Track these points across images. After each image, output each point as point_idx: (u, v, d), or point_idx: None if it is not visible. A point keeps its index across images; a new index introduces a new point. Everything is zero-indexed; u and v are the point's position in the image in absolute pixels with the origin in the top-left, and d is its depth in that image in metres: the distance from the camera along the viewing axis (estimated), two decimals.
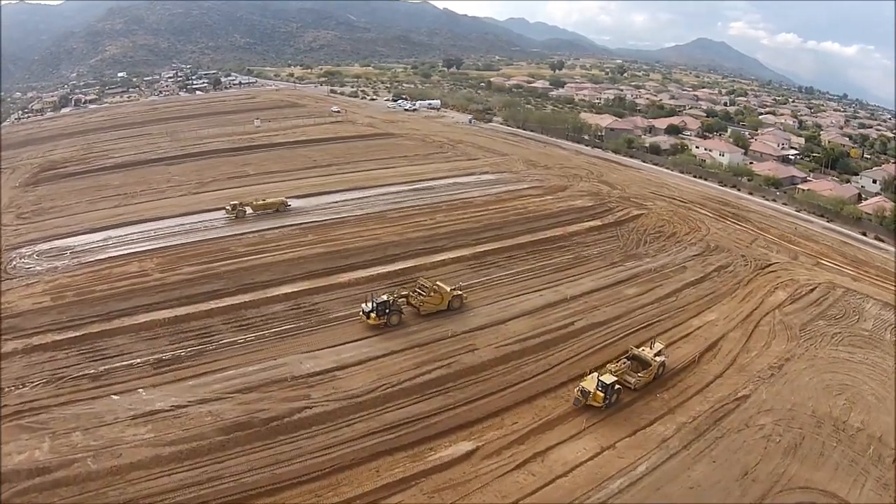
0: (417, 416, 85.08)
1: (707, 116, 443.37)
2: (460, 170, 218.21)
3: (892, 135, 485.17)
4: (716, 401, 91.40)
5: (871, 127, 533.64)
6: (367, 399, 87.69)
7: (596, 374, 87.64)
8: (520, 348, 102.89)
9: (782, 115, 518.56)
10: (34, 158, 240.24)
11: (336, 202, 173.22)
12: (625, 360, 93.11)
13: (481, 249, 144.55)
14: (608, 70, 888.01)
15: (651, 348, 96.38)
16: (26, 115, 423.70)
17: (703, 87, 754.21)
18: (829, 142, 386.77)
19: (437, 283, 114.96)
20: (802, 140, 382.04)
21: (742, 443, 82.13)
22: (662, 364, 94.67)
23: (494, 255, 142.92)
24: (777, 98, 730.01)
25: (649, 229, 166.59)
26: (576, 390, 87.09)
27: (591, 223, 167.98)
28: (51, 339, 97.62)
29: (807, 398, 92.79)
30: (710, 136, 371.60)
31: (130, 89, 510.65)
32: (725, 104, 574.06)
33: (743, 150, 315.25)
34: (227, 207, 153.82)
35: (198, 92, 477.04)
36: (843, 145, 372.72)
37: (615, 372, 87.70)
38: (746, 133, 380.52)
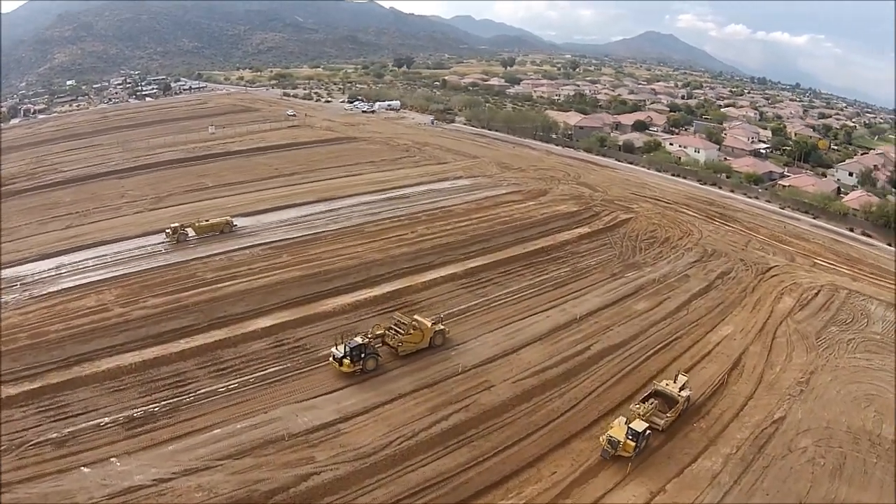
0: (444, 474, 75.12)
1: (671, 111, 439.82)
2: (432, 175, 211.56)
3: (853, 124, 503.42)
4: (754, 426, 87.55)
5: (830, 116, 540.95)
6: (382, 458, 76.63)
7: (622, 418, 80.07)
8: (539, 382, 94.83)
9: (742, 107, 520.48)
10: None
11: (307, 216, 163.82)
12: (651, 399, 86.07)
13: (473, 265, 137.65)
14: (559, 66, 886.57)
15: (675, 382, 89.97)
16: None
17: (658, 81, 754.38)
18: (795, 134, 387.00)
19: (416, 317, 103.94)
20: (769, 133, 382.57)
21: (789, 470, 78.89)
22: (688, 399, 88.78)
23: (488, 270, 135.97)
24: (733, 90, 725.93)
25: (641, 235, 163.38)
26: (602, 439, 78.04)
27: (581, 230, 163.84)
28: (5, 394, 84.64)
29: (839, 413, 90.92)
30: (677, 131, 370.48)
31: (80, 97, 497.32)
32: (683, 97, 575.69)
33: (717, 146, 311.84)
34: (167, 231, 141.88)
35: (147, 98, 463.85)
36: (811, 137, 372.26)
37: (644, 415, 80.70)
38: (711, 127, 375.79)
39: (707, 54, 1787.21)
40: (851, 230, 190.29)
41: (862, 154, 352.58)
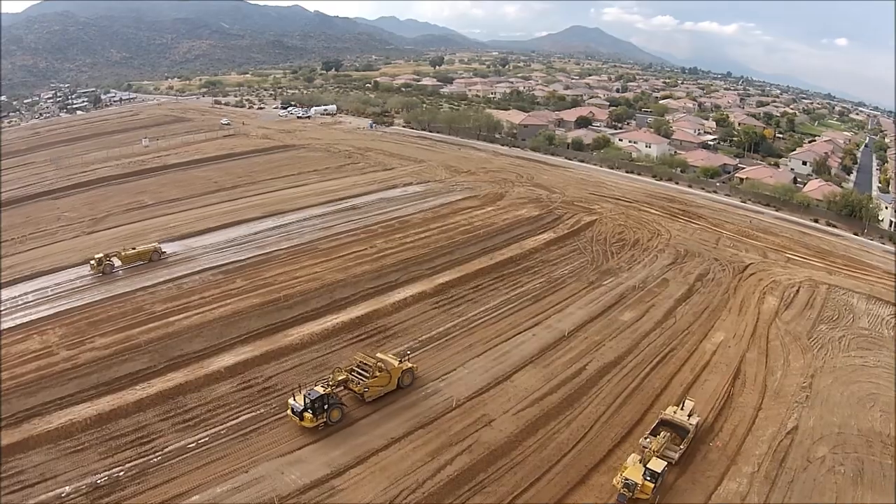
0: None
1: (611, 105, 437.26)
2: (380, 182, 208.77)
3: (791, 110, 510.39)
4: (769, 439, 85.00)
5: (768, 104, 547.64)
6: None
7: (635, 456, 74.18)
8: (541, 411, 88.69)
9: (680, 98, 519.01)
10: None
11: (255, 233, 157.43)
12: (663, 432, 79.99)
13: (441, 281, 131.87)
14: (488, 63, 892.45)
15: (682, 409, 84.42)
16: None
17: (591, 75, 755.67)
18: (739, 124, 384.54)
19: (381, 356, 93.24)
20: (713, 124, 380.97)
21: (813, 482, 76.82)
22: (697, 426, 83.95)
23: (458, 286, 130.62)
24: (667, 81, 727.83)
25: (609, 237, 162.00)
26: (616, 481, 71.26)
27: (546, 235, 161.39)
28: None
29: (847, 416, 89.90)
30: (620, 125, 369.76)
31: (10, 113, 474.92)
32: (619, 90, 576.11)
33: (668, 140, 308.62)
34: (92, 262, 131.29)
35: (79, 112, 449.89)
36: (756, 127, 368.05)
37: (658, 451, 75.02)
38: (649, 120, 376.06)
39: (634, 46, 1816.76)
40: (816, 221, 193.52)
41: (809, 142, 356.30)
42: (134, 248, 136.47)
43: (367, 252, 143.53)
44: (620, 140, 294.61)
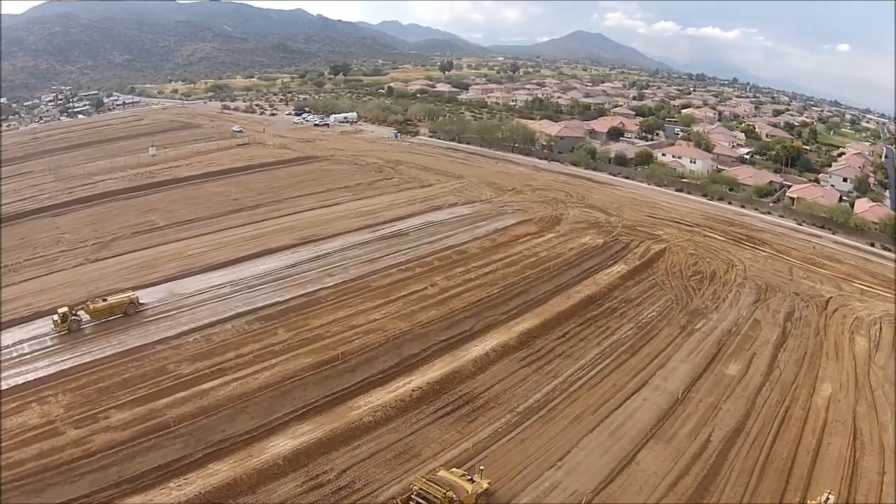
0: None
1: (636, 115, 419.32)
2: (421, 202, 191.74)
3: (807, 119, 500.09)
4: None
5: (783, 113, 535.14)
6: None
7: None
8: (677, 499, 76.34)
9: (700, 107, 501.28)
10: None
11: (290, 266, 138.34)
12: None
13: (521, 329, 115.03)
14: (497, 68, 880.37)
15: (821, 499, 74.12)
16: None
17: (603, 81, 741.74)
18: (767, 135, 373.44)
19: (445, 475, 71.60)
20: (743, 136, 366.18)
21: None
22: None
23: (542, 335, 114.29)
24: (679, 88, 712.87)
25: (684, 269, 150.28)
26: None
27: (618, 268, 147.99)
28: None
29: None
30: (651, 136, 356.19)
31: (10, 116, 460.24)
32: (635, 98, 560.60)
33: (712, 156, 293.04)
34: (55, 318, 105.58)
35: (80, 116, 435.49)
36: (784, 139, 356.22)
37: None
38: (677, 130, 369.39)
39: (636, 51, 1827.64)
40: (872, 245, 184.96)
41: (839, 155, 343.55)
42: (105, 300, 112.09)
43: (428, 292, 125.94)
44: (663, 154, 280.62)
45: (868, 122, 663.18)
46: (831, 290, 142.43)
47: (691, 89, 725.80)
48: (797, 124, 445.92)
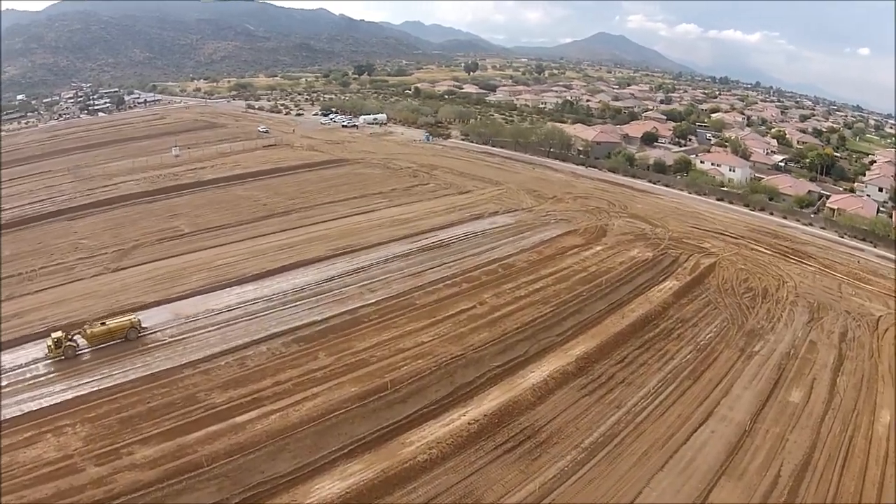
0: None
1: (667, 119, 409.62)
2: (460, 209, 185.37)
3: (833, 124, 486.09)
4: None
5: (810, 118, 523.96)
6: None
7: None
8: None
9: (729, 112, 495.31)
10: None
11: (328, 280, 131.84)
12: None
13: (578, 352, 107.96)
14: (521, 69, 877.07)
15: None
16: None
17: (629, 84, 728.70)
18: (798, 142, 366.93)
19: None
20: (775, 142, 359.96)
21: None
22: None
23: (601, 359, 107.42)
24: (705, 92, 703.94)
25: (736, 286, 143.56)
26: None
27: (670, 284, 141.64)
28: None
29: None
30: (684, 142, 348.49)
31: (29, 113, 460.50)
32: (662, 101, 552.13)
33: (749, 163, 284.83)
34: (49, 344, 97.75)
35: (100, 113, 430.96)
36: (816, 146, 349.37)
37: None
38: (708, 136, 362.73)
39: (658, 54, 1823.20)
40: None
41: (870, 162, 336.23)
42: (104, 324, 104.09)
43: (477, 311, 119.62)
44: (702, 162, 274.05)
45: (891, 127, 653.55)
46: (880, 307, 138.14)
47: (717, 93, 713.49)
48: (824, 130, 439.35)
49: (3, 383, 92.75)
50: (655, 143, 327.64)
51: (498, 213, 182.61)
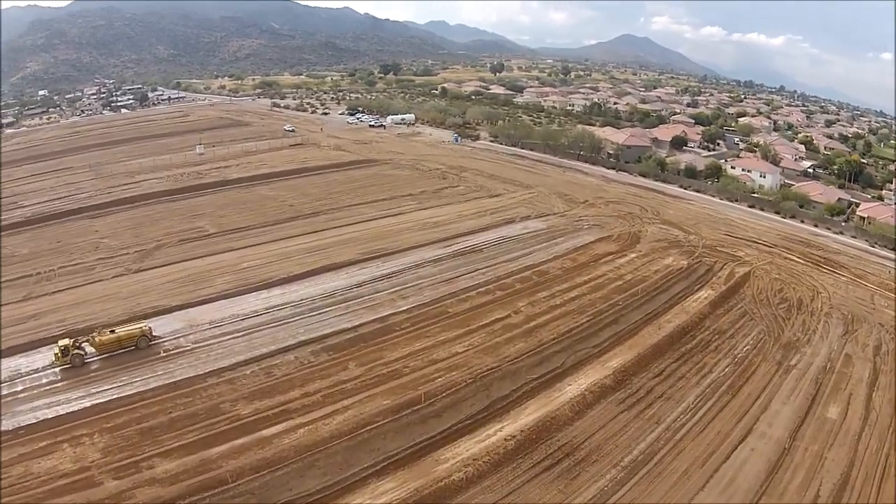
0: None
1: (695, 123, 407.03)
2: (491, 213, 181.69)
3: (858, 130, 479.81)
4: None
5: (835, 124, 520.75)
6: None
7: None
8: None
9: (755, 116, 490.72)
10: None
11: (357, 285, 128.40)
12: None
13: (616, 364, 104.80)
14: (546, 71, 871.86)
15: None
16: None
17: (655, 87, 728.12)
18: (825, 148, 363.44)
19: None
20: (803, 148, 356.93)
21: None
22: None
23: (638, 372, 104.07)
24: (731, 95, 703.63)
25: (771, 297, 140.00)
26: None
27: (705, 293, 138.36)
28: None
29: None
30: (713, 146, 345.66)
31: (51, 109, 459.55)
32: (689, 105, 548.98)
33: (779, 169, 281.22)
34: (56, 352, 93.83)
35: (123, 110, 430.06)
36: (842, 152, 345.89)
37: None
38: (737, 140, 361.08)
39: (682, 56, 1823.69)
40: None
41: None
42: (113, 331, 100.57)
43: (512, 321, 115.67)
44: (732, 168, 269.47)
45: None
46: None
47: (742, 97, 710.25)
48: (850, 136, 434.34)
49: (19, 388, 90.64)
50: (684, 148, 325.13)
51: (530, 218, 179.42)
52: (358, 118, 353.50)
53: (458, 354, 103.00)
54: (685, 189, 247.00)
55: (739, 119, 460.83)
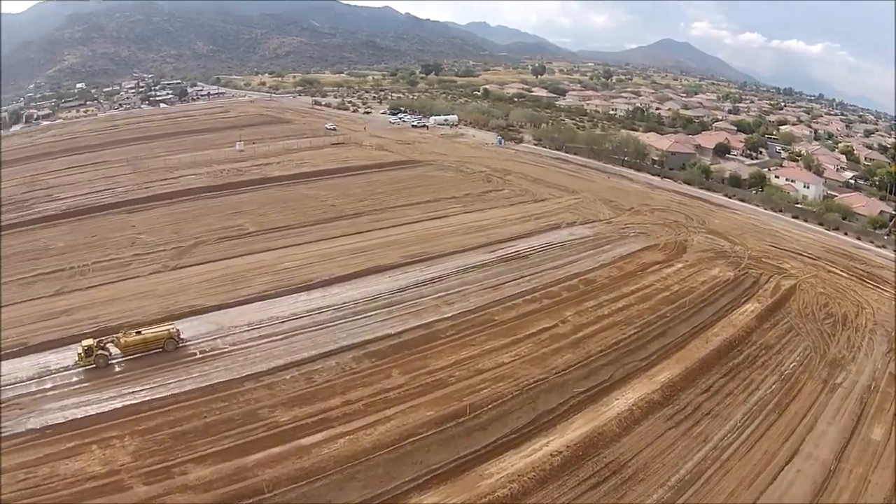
0: None
1: (737, 130, 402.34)
2: (537, 218, 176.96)
3: None
4: None
5: (874, 133, 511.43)
6: None
7: None
8: None
9: (796, 125, 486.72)
10: None
11: (401, 289, 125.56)
12: None
13: (663, 378, 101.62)
14: (588, 74, 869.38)
15: None
16: None
17: (696, 93, 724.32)
18: (866, 159, 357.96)
19: None
20: (844, 158, 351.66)
21: None
22: None
23: (686, 387, 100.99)
24: (771, 103, 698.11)
25: (816, 311, 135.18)
26: None
27: (751, 306, 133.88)
28: None
29: None
30: (755, 154, 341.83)
31: (88, 102, 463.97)
32: (730, 111, 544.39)
33: (823, 180, 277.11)
34: (80, 351, 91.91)
35: (162, 105, 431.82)
36: (886, 163, 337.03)
37: None
38: (778, 149, 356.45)
39: (721, 62, 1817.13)
40: None
41: None
42: (139, 332, 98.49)
43: (559, 331, 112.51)
44: (776, 177, 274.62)
45: None
46: None
47: (782, 104, 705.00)
48: (889, 146, 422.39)
49: (48, 385, 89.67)
50: (727, 155, 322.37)
51: (576, 224, 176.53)
52: (400, 118, 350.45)
53: (504, 365, 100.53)
54: (730, 198, 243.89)
55: (780, 127, 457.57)
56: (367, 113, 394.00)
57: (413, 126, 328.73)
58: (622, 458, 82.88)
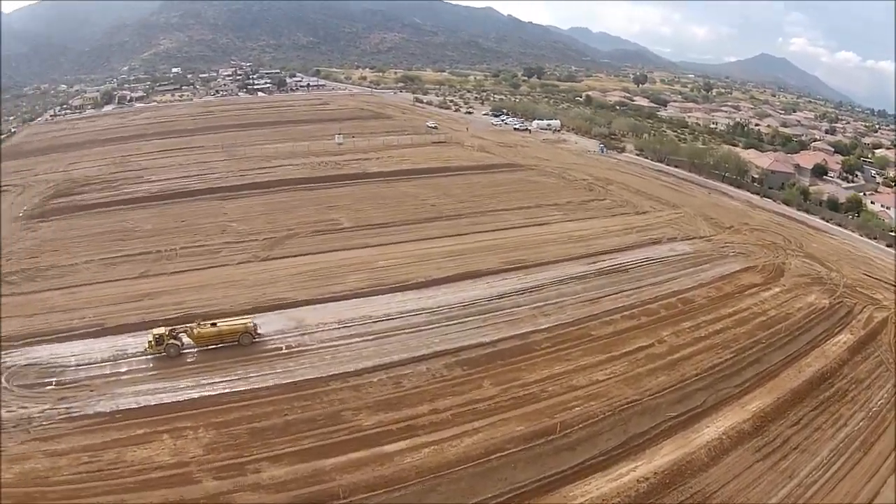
0: None
1: (834, 152, 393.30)
2: (638, 231, 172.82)
3: None
4: None
5: None
6: None
7: None
8: None
9: (890, 149, 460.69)
10: (53, 173, 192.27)
11: (497, 297, 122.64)
12: None
13: (755, 408, 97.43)
14: (689, 86, 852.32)
15: None
16: (63, 112, 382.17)
17: (794, 111, 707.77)
18: None
19: None
20: None
21: None
22: None
23: (777, 418, 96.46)
24: (867, 124, 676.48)
25: None
26: None
27: (844, 337, 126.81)
28: None
29: None
30: (852, 178, 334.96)
31: (183, 87, 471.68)
32: (827, 132, 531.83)
33: None
34: (150, 339, 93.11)
35: (259, 93, 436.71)
36: None
37: None
38: (874, 173, 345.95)
39: (818, 80, 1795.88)
40: None
41: None
42: (214, 324, 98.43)
43: (656, 350, 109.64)
44: (872, 203, 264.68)
45: None
46: None
47: (877, 127, 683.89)
48: None
49: (123, 369, 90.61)
50: (824, 177, 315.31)
51: (676, 240, 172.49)
52: (503, 120, 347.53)
53: (598, 383, 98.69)
54: (827, 221, 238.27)
55: (875, 151, 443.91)
56: (469, 113, 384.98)
57: (515, 129, 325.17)
58: (707, 489, 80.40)
